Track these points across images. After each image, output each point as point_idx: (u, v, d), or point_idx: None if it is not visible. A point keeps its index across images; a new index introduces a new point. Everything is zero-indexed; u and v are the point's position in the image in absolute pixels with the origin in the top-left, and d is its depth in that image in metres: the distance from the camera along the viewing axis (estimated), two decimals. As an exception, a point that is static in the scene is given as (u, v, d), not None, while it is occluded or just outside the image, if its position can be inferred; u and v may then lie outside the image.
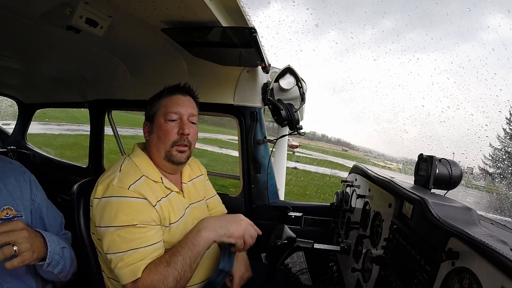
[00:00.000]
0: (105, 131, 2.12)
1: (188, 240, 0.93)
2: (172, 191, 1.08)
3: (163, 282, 0.87)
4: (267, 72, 1.53)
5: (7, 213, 0.88)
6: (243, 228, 0.98)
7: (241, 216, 1.03)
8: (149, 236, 0.93)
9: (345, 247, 1.14)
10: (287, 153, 1.89)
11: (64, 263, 0.92)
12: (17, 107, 2.89)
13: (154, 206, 0.97)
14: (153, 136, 1.07)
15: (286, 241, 1.02)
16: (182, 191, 1.14)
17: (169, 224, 1.01)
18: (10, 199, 0.90)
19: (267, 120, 1.68)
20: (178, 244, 0.94)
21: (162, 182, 1.05)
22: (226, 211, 1.40)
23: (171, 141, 1.04)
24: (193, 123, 1.10)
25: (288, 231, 1.07)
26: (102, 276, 1.06)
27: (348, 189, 1.46)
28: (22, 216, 0.92)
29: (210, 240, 0.94)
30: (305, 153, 30.92)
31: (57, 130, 14.29)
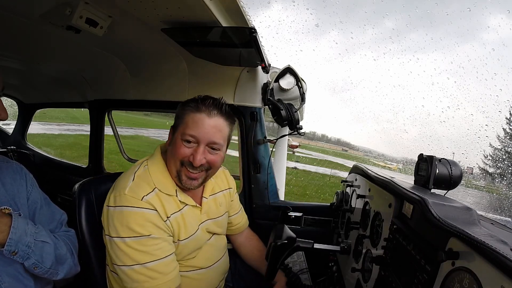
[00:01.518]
0: (105, 131, 2.12)
1: None
2: (187, 204, 1.02)
3: None
4: (267, 72, 1.52)
5: None
6: None
7: None
8: (164, 247, 0.92)
9: (345, 247, 1.14)
10: (287, 153, 1.89)
11: (39, 258, 0.85)
12: (17, 107, 2.89)
13: (164, 220, 0.94)
14: (170, 148, 1.00)
15: (286, 241, 1.02)
16: (200, 205, 1.08)
17: (178, 240, 0.98)
18: (8, 198, 0.89)
19: (267, 120, 1.68)
20: None
21: (176, 196, 0.99)
22: (248, 222, 1.40)
23: (180, 159, 0.96)
24: (214, 149, 0.98)
25: (288, 231, 1.07)
26: (104, 276, 1.06)
27: (348, 189, 1.46)
28: (21, 215, 0.91)
29: None
30: (305, 153, 30.92)
31: (57, 130, 14.30)
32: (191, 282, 1.05)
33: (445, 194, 0.88)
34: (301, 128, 1.47)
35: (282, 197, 1.75)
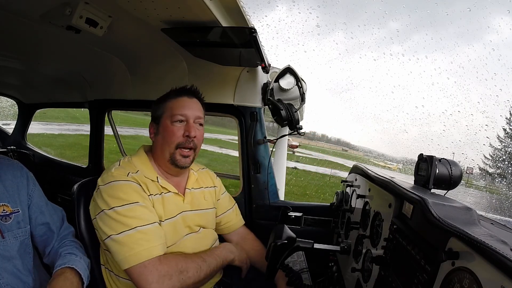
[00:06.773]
0: (105, 131, 2.12)
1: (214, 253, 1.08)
2: (169, 191, 1.08)
3: (170, 274, 0.90)
4: (267, 72, 1.52)
5: (4, 210, 0.89)
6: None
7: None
8: (150, 216, 0.96)
9: (345, 247, 1.14)
10: (287, 153, 1.89)
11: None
12: (17, 107, 2.89)
13: (148, 195, 1.01)
14: (158, 138, 1.09)
15: (286, 241, 1.02)
16: (183, 195, 1.13)
17: (160, 220, 1.02)
18: (7, 195, 0.91)
19: (267, 120, 1.68)
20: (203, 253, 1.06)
21: (158, 181, 1.06)
22: (244, 223, 1.39)
23: (176, 143, 1.05)
24: (200, 124, 1.11)
25: (288, 231, 1.07)
26: (102, 275, 1.06)
27: (348, 189, 1.46)
28: (19, 212, 0.92)
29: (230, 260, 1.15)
30: (305, 153, 30.91)
31: (57, 130, 14.29)
32: None
33: (445, 194, 0.88)
34: (301, 128, 1.47)
35: (282, 197, 1.75)
